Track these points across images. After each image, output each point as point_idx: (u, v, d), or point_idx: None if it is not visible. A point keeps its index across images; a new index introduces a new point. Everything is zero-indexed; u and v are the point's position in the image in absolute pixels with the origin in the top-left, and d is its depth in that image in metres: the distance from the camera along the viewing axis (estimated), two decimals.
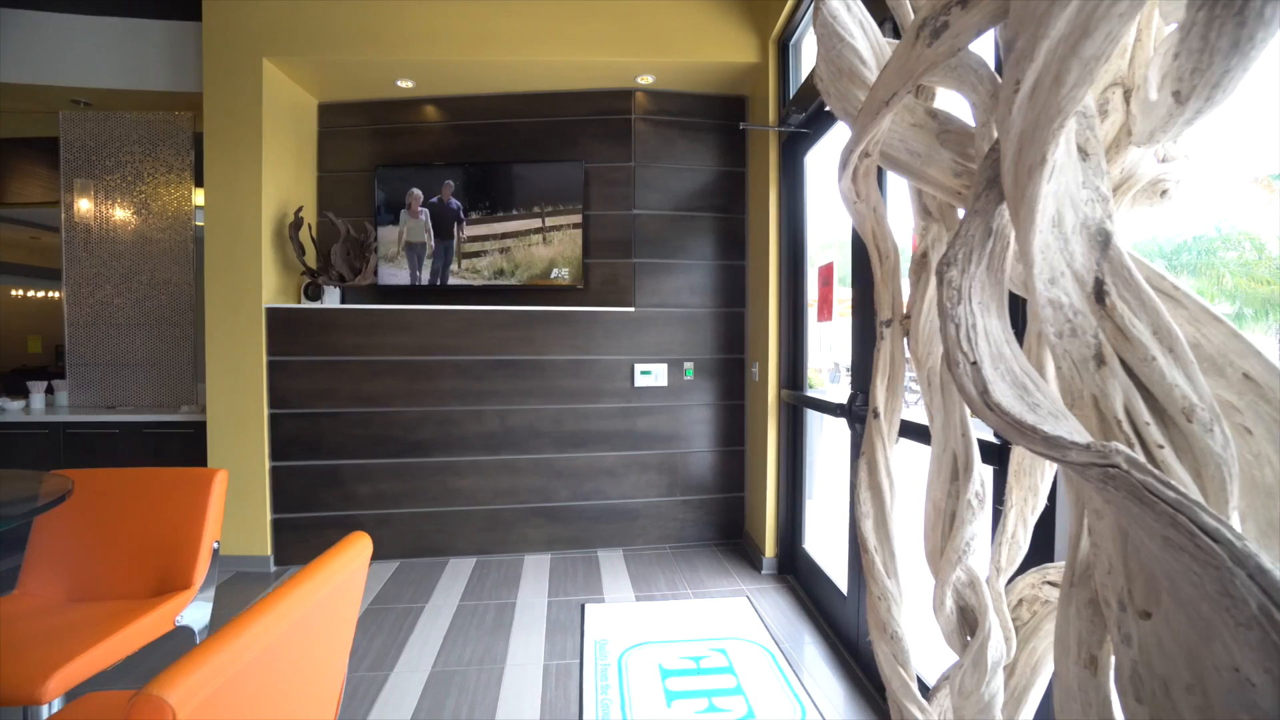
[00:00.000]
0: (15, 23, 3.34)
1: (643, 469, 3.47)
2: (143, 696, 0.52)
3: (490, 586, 2.99)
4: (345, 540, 0.89)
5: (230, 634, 0.62)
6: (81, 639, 1.12)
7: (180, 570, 1.35)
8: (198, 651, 0.58)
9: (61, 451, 3.31)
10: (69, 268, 3.69)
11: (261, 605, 0.68)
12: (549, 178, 3.42)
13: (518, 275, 3.42)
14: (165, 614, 1.27)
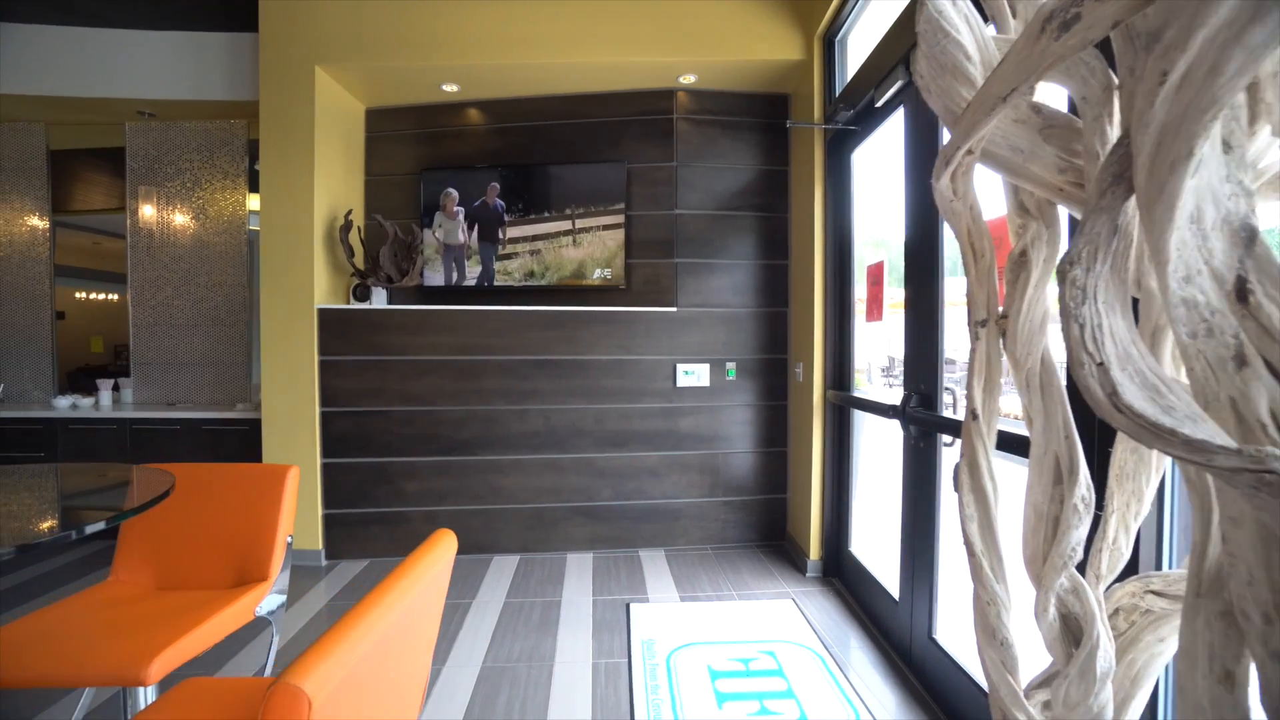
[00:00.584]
0: (90, 40, 3.51)
1: (684, 469, 3.46)
2: (281, 685, 0.54)
3: (535, 584, 3.02)
4: (434, 537, 0.91)
5: (349, 625, 0.64)
6: (175, 626, 1.17)
7: (257, 562, 1.40)
8: (324, 642, 0.60)
9: (128, 446, 3.45)
10: (133, 271, 3.85)
11: (372, 598, 0.70)
12: (591, 178, 3.44)
13: (560, 275, 3.45)
14: (247, 604, 1.31)
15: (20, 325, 3.95)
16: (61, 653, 1.08)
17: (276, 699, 0.54)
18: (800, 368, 3.31)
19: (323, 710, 0.56)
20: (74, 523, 0.82)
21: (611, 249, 3.44)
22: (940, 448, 2.17)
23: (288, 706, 0.53)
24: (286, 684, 0.54)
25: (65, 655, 1.07)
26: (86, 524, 0.81)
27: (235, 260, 3.85)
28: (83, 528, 0.80)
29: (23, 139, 3.90)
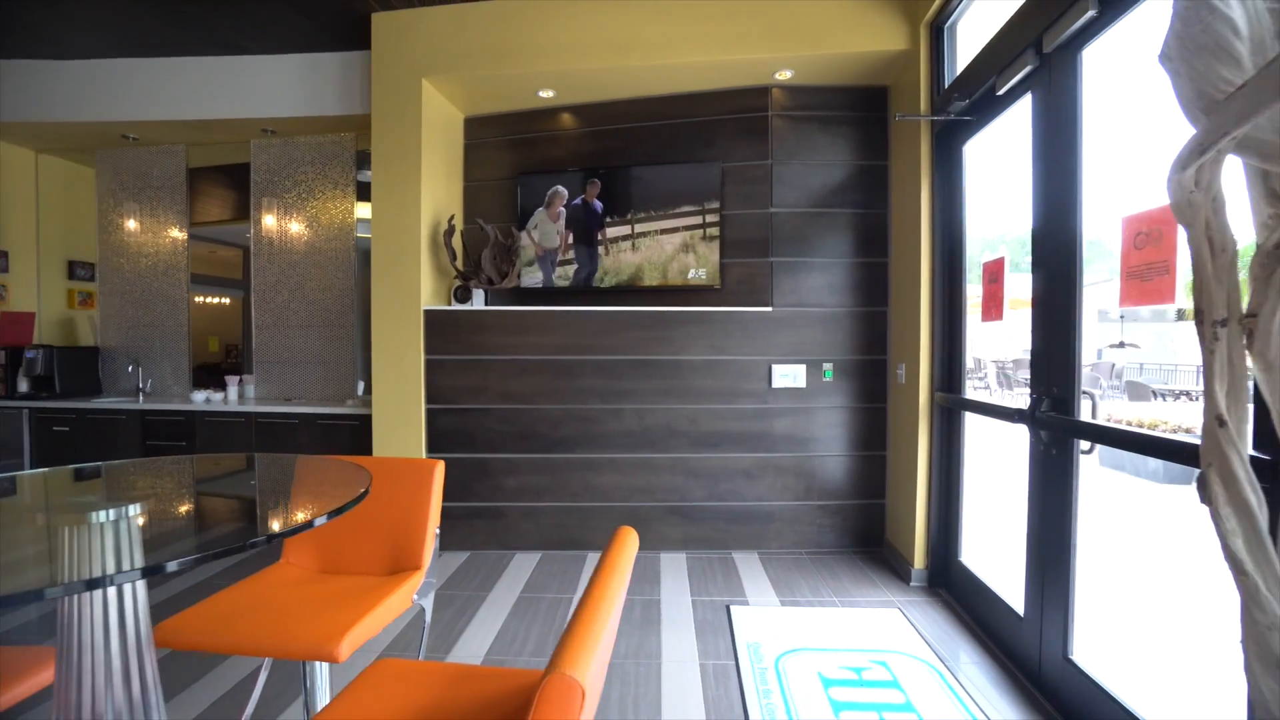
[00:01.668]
0: (226, 68, 3.83)
1: (779, 472, 3.40)
2: (556, 676, 0.56)
3: (633, 582, 3.05)
4: (623, 533, 0.93)
5: (592, 616, 0.66)
6: (353, 608, 1.25)
7: (411, 552, 1.48)
8: (579, 632, 0.62)
9: (254, 437, 3.73)
10: (256, 276, 4.17)
11: (598, 589, 0.71)
12: (685, 179, 3.44)
13: (654, 276, 3.47)
14: (407, 591, 1.39)
15: (163, 327, 4.35)
16: (268, 625, 1.17)
17: (552, 690, 0.55)
18: (903, 369, 3.19)
19: (589, 700, 0.57)
20: (312, 516, 0.91)
21: (706, 249, 3.43)
22: (1076, 455, 2.03)
23: (563, 697, 0.55)
24: (562, 674, 0.56)
25: (271, 628, 1.16)
26: (316, 518, 0.88)
27: (344, 265, 4.09)
28: (311, 521, 0.86)
29: (168, 159, 4.30)
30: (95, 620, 0.83)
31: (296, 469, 1.55)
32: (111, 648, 0.84)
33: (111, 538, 0.83)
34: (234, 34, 3.62)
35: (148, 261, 4.36)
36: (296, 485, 1.43)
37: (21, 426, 3.94)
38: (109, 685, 0.83)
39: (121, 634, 0.85)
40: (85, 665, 0.82)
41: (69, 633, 0.82)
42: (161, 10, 3.38)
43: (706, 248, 3.42)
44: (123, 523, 0.85)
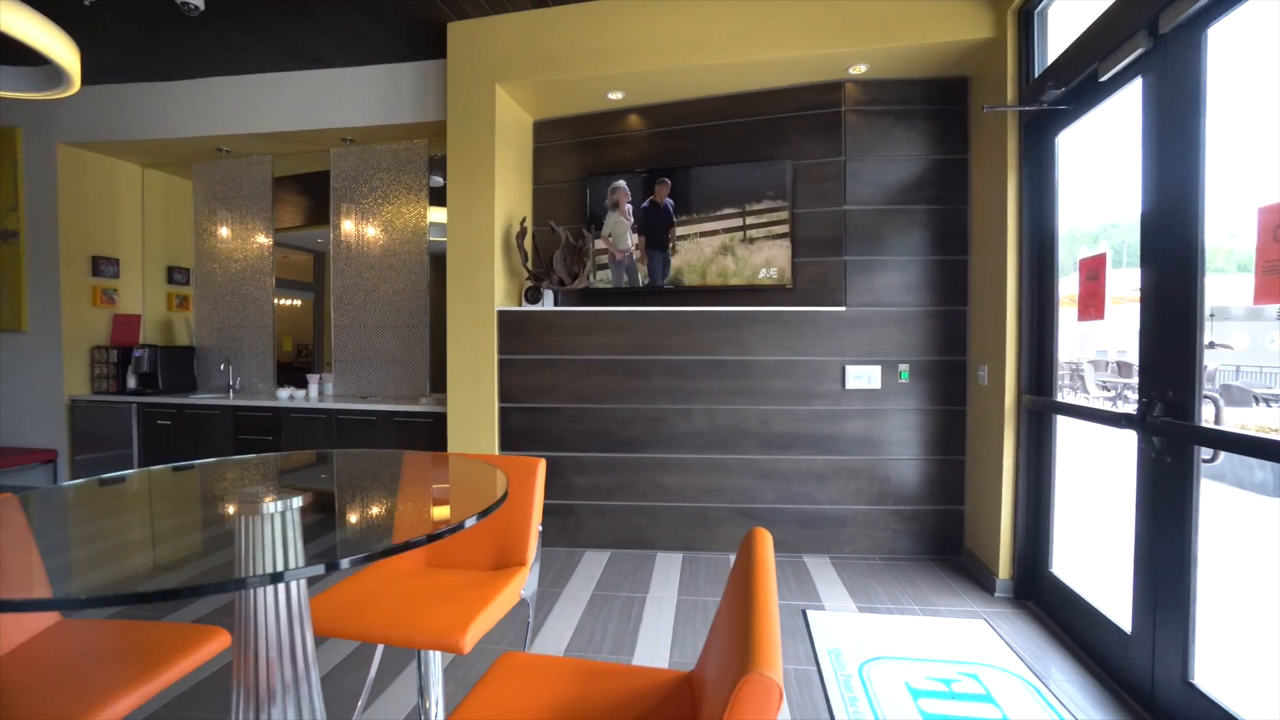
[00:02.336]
0: (309, 80, 4.03)
1: (852, 475, 3.33)
2: (755, 677, 0.56)
3: (704, 584, 3.04)
4: (759, 534, 0.93)
5: (761, 613, 0.65)
6: (467, 601, 1.29)
7: (515, 547, 1.52)
8: (765, 633, 0.62)
9: (335, 433, 3.91)
10: (334, 279, 4.36)
11: (762, 593, 0.71)
12: (756, 177, 3.41)
13: (724, 275, 3.45)
14: (515, 586, 1.43)
15: (250, 328, 4.61)
16: (390, 615, 1.22)
17: (750, 690, 0.55)
18: (984, 370, 3.06)
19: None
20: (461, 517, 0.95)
21: (777, 247, 3.38)
22: (1197, 464, 1.90)
23: (763, 698, 0.55)
24: (760, 675, 0.56)
25: (394, 618, 1.21)
26: (466, 519, 0.92)
27: (417, 268, 4.23)
28: (463, 523, 0.90)
29: (255, 169, 4.55)
30: (268, 602, 0.89)
31: (426, 465, 1.62)
32: (282, 627, 0.89)
33: (280, 528, 0.88)
34: (318, 49, 3.80)
35: (237, 266, 4.62)
36: (431, 482, 1.49)
37: (131, 419, 4.25)
38: (280, 660, 0.89)
39: (288, 615, 0.91)
40: (260, 642, 0.88)
41: (246, 613, 0.88)
42: (254, 30, 3.58)
43: (777, 246, 3.38)
44: (289, 514, 0.90)
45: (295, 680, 0.90)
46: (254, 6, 3.34)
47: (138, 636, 1.17)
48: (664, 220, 3.52)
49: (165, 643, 1.13)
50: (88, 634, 1.20)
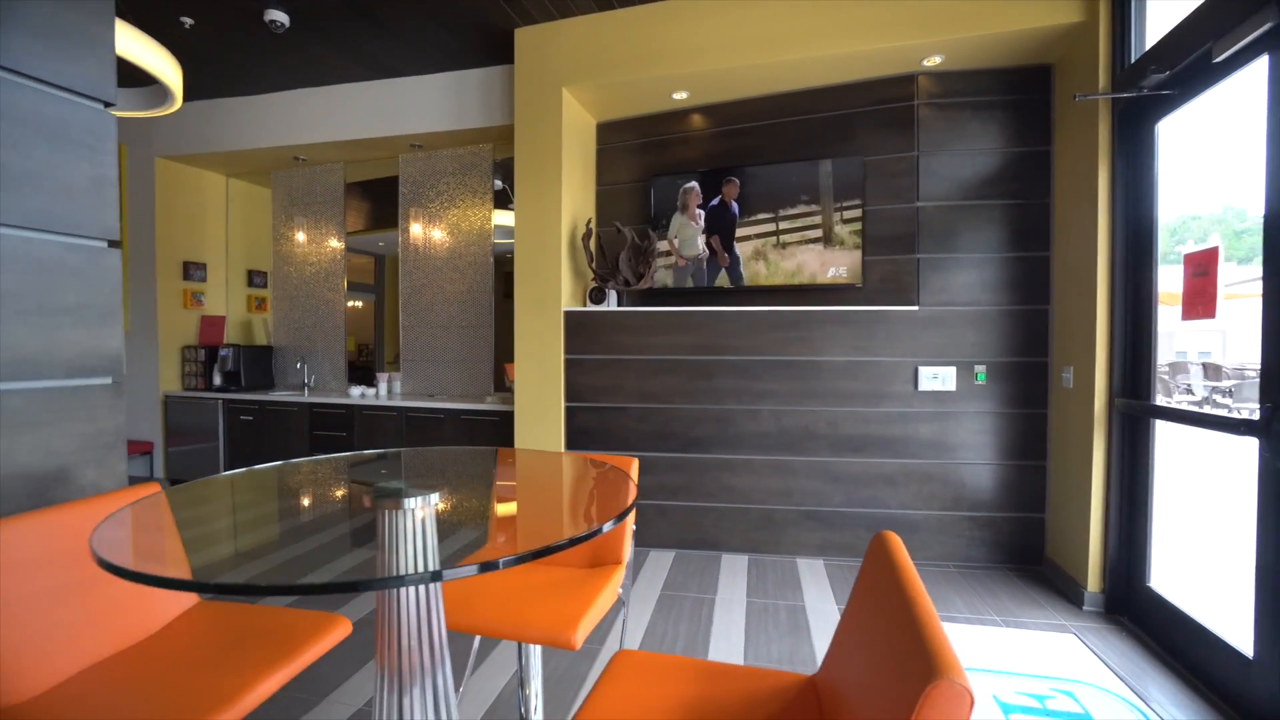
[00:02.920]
0: (380, 90, 4.18)
1: (925, 479, 3.23)
2: (946, 683, 0.54)
3: (772, 586, 3.00)
4: (892, 537, 0.91)
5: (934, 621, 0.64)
6: (572, 598, 1.32)
7: (612, 545, 1.54)
8: (940, 637, 0.60)
9: (405, 430, 4.04)
10: (403, 281, 4.51)
11: (919, 596, 0.69)
12: (823, 175, 3.35)
13: (792, 275, 3.40)
14: (614, 584, 1.44)
15: (322, 328, 4.81)
16: (499, 609, 1.26)
17: (941, 697, 0.54)
18: (1070, 372, 2.92)
19: None
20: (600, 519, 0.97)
21: (847, 246, 3.31)
22: None
23: (954, 704, 0.54)
24: (952, 681, 0.54)
25: (503, 612, 1.25)
26: (605, 522, 0.94)
27: (482, 270, 4.33)
28: (600, 528, 0.92)
29: (328, 177, 4.76)
30: (409, 595, 0.93)
31: (534, 463, 1.66)
32: (420, 617, 0.93)
33: (419, 524, 0.91)
34: (390, 59, 3.93)
35: (311, 269, 4.84)
36: (546, 480, 1.53)
37: (217, 415, 4.50)
38: (419, 647, 0.92)
39: (426, 606, 0.94)
40: (401, 630, 0.92)
41: (390, 604, 0.92)
42: (332, 43, 3.74)
43: (847, 245, 3.30)
44: (428, 510, 0.93)
45: (431, 665, 0.94)
46: (334, 20, 3.48)
47: (268, 621, 1.24)
48: (729, 220, 3.50)
49: (294, 628, 1.19)
50: (224, 616, 1.28)
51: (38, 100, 1.26)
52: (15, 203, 1.23)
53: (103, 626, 1.15)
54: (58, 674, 1.06)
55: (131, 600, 1.21)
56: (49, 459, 1.30)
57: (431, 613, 0.93)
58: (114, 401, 1.42)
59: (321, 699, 2.00)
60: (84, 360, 1.35)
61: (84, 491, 1.37)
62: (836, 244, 3.32)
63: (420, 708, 0.90)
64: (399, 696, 0.90)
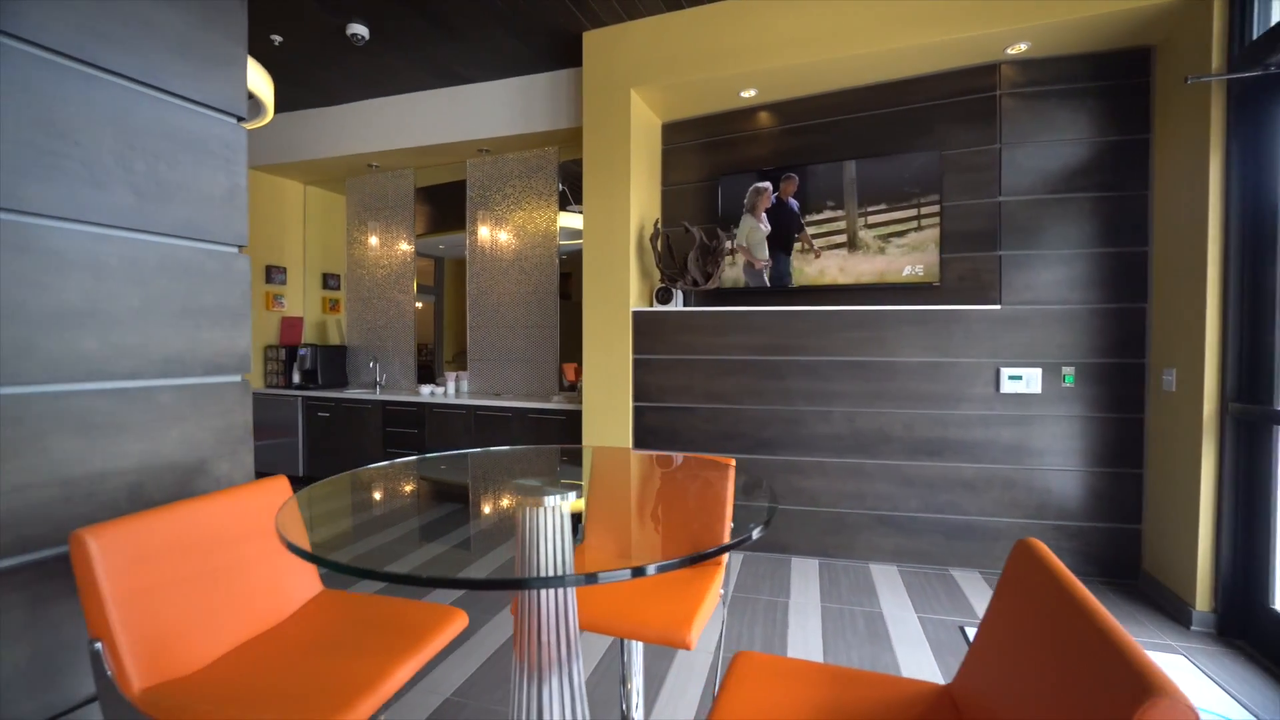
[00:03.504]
0: (449, 97, 4.31)
1: (1007, 485, 3.09)
2: (1165, 701, 0.52)
3: (846, 592, 2.94)
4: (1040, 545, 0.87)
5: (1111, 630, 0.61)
6: (679, 598, 1.32)
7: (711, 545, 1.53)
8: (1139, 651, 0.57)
9: (473, 428, 4.14)
10: (470, 282, 4.62)
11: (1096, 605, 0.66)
12: (897, 170, 3.25)
13: (864, 274, 3.32)
14: (717, 585, 1.44)
15: (393, 329, 4.99)
16: (608, 607, 1.27)
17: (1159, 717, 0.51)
18: (1172, 374, 2.74)
19: None
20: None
21: (922, 243, 3.21)
22: None
23: None
24: (1173, 700, 0.51)
25: (613, 610, 1.26)
26: (756, 528, 0.94)
27: (547, 271, 4.41)
28: (751, 534, 0.93)
29: (399, 182, 4.93)
30: (548, 592, 0.95)
31: (652, 462, 1.68)
32: (557, 613, 0.96)
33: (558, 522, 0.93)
34: (460, 66, 4.04)
35: (382, 272, 5.02)
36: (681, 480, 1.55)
37: (297, 411, 4.73)
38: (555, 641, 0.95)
39: (562, 602, 0.97)
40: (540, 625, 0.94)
41: (530, 600, 0.95)
42: (404, 53, 3.87)
43: (923, 242, 3.20)
44: (563, 508, 0.95)
45: (565, 659, 0.96)
46: (411, 31, 3.60)
47: (389, 611, 1.29)
48: (793, 218, 3.44)
49: (417, 620, 1.24)
50: (346, 606, 1.34)
51: (183, 117, 1.35)
52: (166, 212, 1.32)
53: (244, 610, 1.23)
54: (212, 652, 1.14)
55: (265, 587, 1.29)
56: (191, 451, 1.40)
57: (568, 609, 0.95)
58: (243, 398, 1.51)
59: (409, 688, 2.07)
60: (219, 359, 1.44)
61: (219, 482, 1.46)
62: (911, 241, 3.22)
63: (557, 700, 0.93)
64: (538, 688, 0.92)
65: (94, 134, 1.20)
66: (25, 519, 1.13)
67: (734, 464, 1.65)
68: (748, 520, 1.18)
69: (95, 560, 0.99)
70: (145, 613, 1.04)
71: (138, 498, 1.29)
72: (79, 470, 1.20)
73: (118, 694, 0.97)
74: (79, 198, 1.18)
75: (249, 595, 1.24)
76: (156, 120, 1.30)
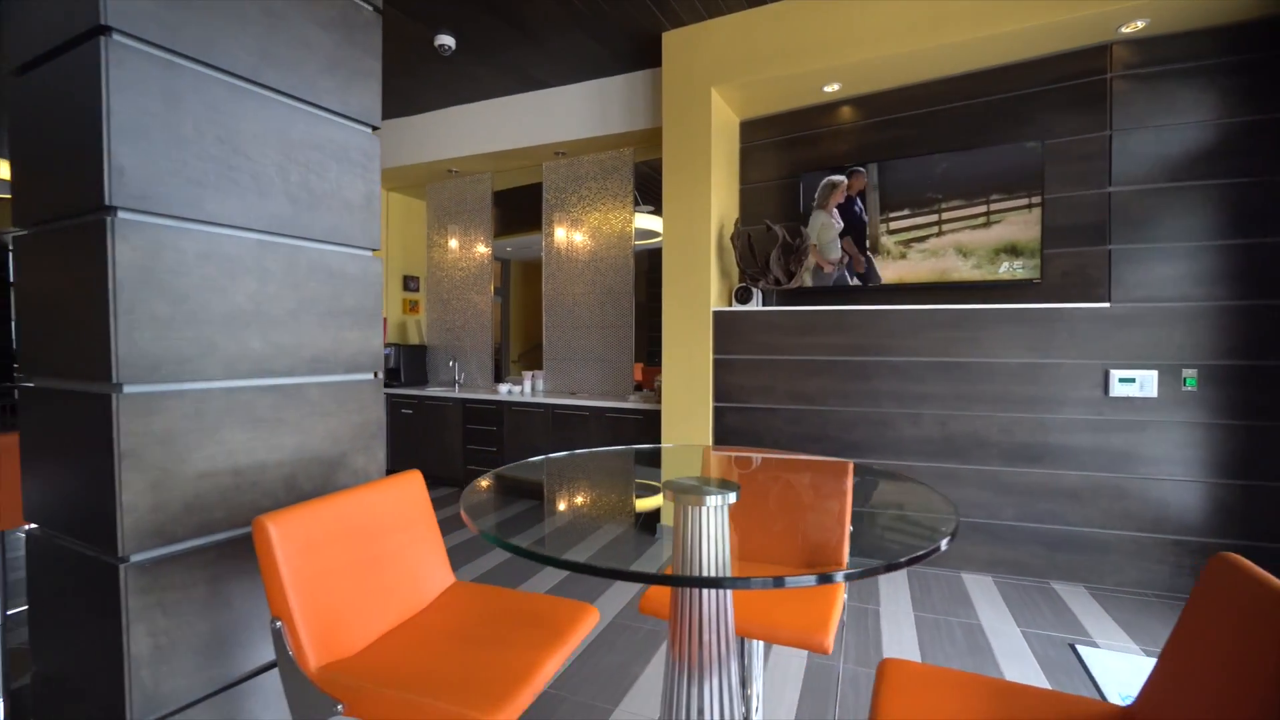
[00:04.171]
0: (527, 102, 4.41)
1: (1116, 495, 2.90)
2: None
3: (939, 601, 2.83)
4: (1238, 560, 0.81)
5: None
6: (808, 602, 1.31)
7: (832, 550, 1.51)
8: None
9: (550, 427, 4.23)
10: (546, 283, 4.71)
11: None
12: (992, 162, 3.10)
13: (956, 271, 3.19)
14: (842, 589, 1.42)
15: (471, 329, 5.15)
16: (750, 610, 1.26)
17: None
18: None
19: None
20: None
21: (1020, 238, 3.06)
22: None
23: None
24: None
25: (754, 612, 1.25)
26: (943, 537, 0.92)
27: (623, 271, 4.44)
28: (939, 545, 0.91)
29: (478, 187, 5.09)
30: (710, 591, 0.96)
31: (803, 468, 1.68)
32: (716, 612, 0.96)
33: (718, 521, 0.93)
34: (539, 71, 4.13)
35: (460, 274, 5.19)
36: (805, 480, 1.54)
37: (381, 408, 4.95)
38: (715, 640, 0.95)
39: (722, 602, 0.97)
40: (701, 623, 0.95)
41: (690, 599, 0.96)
42: (487, 61, 3.98)
43: (1022, 237, 3.05)
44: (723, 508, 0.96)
45: (724, 658, 0.96)
46: (493, 39, 3.70)
47: (524, 605, 1.33)
48: (873, 213, 3.34)
49: (553, 614, 1.27)
50: (480, 598, 1.39)
51: (331, 129, 1.44)
52: (316, 219, 1.41)
53: (392, 598, 1.29)
54: (367, 636, 1.20)
55: (408, 576, 1.35)
56: (335, 445, 1.48)
57: (728, 609, 0.96)
58: (376, 395, 1.59)
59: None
60: (357, 357, 1.53)
61: (356, 475, 1.54)
62: (1008, 236, 3.07)
63: (716, 699, 0.93)
64: (698, 687, 0.93)
65: (261, 148, 1.29)
66: (208, 504, 1.22)
67: (851, 466, 1.61)
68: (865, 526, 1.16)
69: (276, 545, 1.07)
70: (317, 596, 1.11)
71: (291, 488, 1.38)
72: (246, 460, 1.29)
73: (298, 671, 1.04)
74: (248, 207, 1.27)
75: (395, 584, 1.31)
76: (309, 133, 1.39)
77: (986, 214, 3.13)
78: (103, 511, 1.11)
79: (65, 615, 1.21)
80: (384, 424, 1.62)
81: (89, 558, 1.15)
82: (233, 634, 1.28)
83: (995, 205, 3.11)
